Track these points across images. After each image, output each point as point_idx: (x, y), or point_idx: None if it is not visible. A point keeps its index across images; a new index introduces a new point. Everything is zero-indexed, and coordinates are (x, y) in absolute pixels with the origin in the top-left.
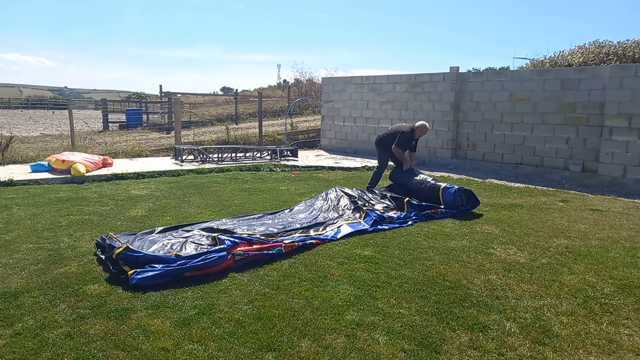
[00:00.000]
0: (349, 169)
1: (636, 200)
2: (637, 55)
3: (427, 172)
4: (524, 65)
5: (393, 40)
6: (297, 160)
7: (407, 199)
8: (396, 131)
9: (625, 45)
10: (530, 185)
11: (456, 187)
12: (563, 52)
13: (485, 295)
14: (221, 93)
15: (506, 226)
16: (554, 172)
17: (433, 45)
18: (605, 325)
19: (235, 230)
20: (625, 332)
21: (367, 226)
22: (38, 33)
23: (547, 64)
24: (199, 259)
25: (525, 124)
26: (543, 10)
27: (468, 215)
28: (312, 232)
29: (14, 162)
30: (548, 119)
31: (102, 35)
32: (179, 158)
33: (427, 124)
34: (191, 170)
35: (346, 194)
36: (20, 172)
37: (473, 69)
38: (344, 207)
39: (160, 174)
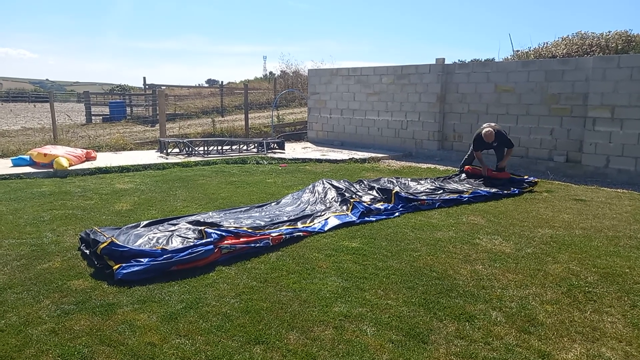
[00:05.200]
0: (336, 161)
1: (619, 190)
2: (620, 47)
3: (414, 164)
4: (509, 57)
5: (379, 32)
6: (284, 153)
7: (395, 190)
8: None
9: (608, 37)
10: None
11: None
12: (547, 43)
13: (472, 285)
14: (206, 85)
15: (492, 217)
16: (539, 162)
17: (419, 37)
18: (589, 313)
19: (222, 224)
20: (609, 319)
21: (354, 218)
22: (19, 24)
23: (532, 55)
24: (185, 253)
25: (511, 115)
26: (528, 1)
27: (454, 207)
28: (299, 225)
29: None
30: (533, 110)
31: (84, 26)
32: (164, 151)
33: (489, 130)
34: (177, 164)
35: (333, 186)
36: (1, 166)
37: (459, 60)
38: (331, 199)
39: (145, 167)
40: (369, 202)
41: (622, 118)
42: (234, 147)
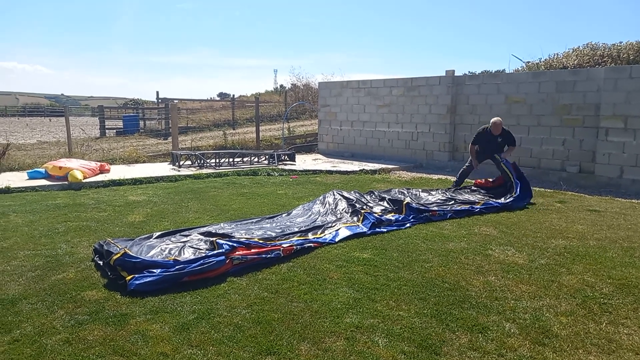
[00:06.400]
0: (346, 172)
1: (633, 201)
2: (631, 57)
3: (425, 175)
4: (520, 68)
5: (389, 44)
6: (294, 165)
7: (406, 201)
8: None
9: (619, 47)
10: None
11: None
12: (558, 54)
13: (485, 296)
14: (218, 98)
15: (504, 227)
16: (551, 173)
17: (429, 48)
18: (604, 324)
19: (233, 235)
20: (625, 331)
21: (365, 229)
22: (35, 40)
23: (542, 66)
24: (197, 264)
25: (522, 126)
26: (538, 13)
27: (466, 218)
28: (310, 236)
29: (11, 170)
30: (544, 121)
31: (97, 41)
32: (177, 163)
33: (498, 119)
34: (189, 176)
35: (344, 197)
36: (17, 179)
37: (469, 72)
38: (342, 210)
39: (158, 179)
40: (380, 213)
41: (635, 128)
42: (245, 159)
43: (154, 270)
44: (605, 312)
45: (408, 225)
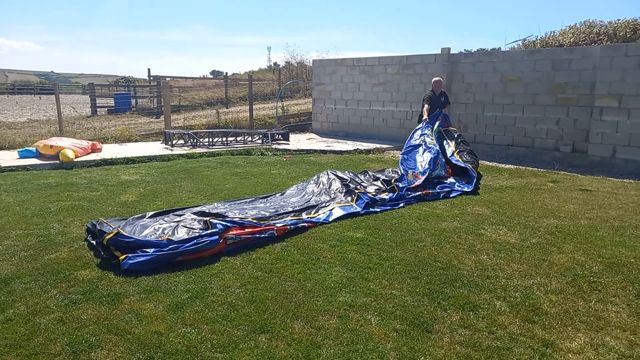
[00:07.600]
0: (340, 152)
1: (625, 180)
2: (628, 35)
3: None
4: (516, 46)
5: (384, 21)
6: (288, 144)
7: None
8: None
9: (616, 25)
10: (520, 167)
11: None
12: (554, 32)
13: (476, 275)
14: (211, 76)
15: (497, 207)
16: (545, 153)
17: (425, 25)
18: (593, 302)
19: (227, 214)
20: (613, 309)
21: (359, 209)
22: (23, 16)
23: (539, 44)
24: (191, 243)
25: (516, 105)
26: None
27: (459, 197)
28: (304, 215)
29: (1, 148)
30: (539, 100)
31: (87, 18)
32: (169, 143)
33: (439, 78)
34: (182, 155)
35: (338, 177)
36: (7, 158)
37: (465, 50)
38: (336, 190)
39: (151, 158)
40: (374, 193)
41: (629, 107)
42: (238, 139)
43: (148, 250)
44: (594, 291)
45: (402, 204)
